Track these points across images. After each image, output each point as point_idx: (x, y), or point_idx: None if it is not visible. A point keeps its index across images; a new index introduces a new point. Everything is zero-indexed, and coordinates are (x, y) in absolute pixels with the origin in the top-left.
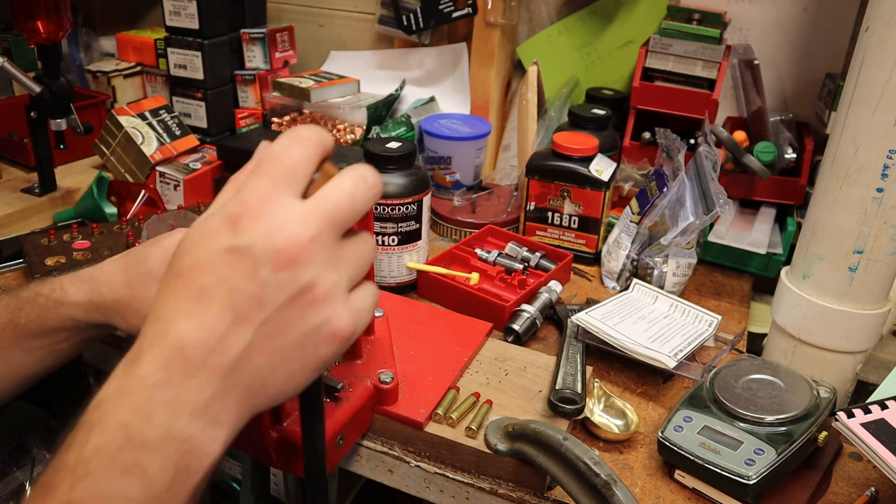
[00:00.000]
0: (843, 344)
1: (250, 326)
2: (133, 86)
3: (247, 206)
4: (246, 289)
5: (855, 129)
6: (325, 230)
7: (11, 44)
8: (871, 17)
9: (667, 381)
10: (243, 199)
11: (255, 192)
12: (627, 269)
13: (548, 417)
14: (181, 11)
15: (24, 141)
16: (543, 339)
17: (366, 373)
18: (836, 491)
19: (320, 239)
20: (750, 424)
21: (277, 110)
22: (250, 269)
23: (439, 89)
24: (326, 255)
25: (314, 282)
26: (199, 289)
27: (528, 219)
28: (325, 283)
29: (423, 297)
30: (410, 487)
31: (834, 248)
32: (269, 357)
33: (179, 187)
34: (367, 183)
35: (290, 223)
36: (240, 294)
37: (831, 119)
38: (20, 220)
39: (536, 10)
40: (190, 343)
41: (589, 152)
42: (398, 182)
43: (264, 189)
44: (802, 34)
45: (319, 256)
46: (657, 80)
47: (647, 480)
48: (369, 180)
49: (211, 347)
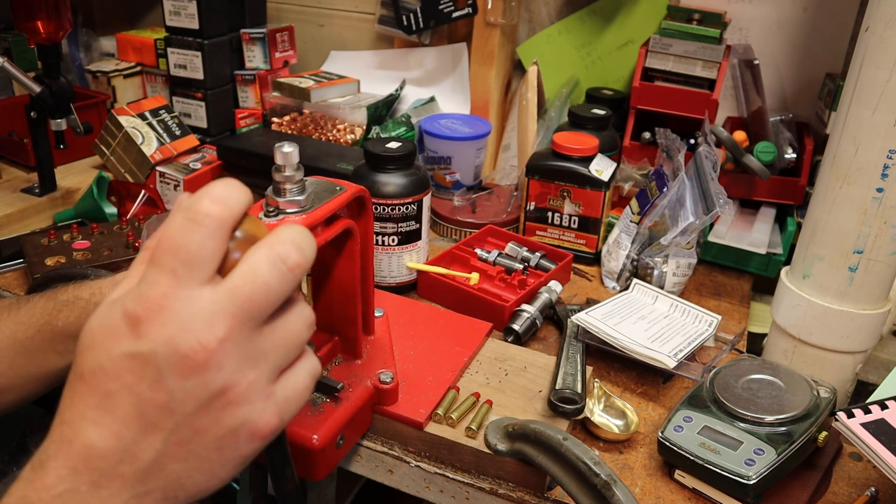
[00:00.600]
0: (843, 344)
1: (160, 434)
2: (133, 86)
3: (146, 304)
4: (152, 398)
5: (855, 129)
6: (236, 328)
7: (11, 44)
8: (871, 17)
9: (667, 381)
10: (143, 295)
11: (154, 288)
12: (627, 269)
13: (548, 417)
14: (181, 11)
15: (24, 141)
16: (543, 339)
17: (366, 373)
18: (836, 491)
19: (231, 339)
20: (750, 424)
21: (277, 110)
22: (155, 378)
23: (439, 89)
24: (241, 353)
25: (227, 385)
26: (102, 395)
27: (528, 219)
28: (240, 385)
29: (423, 297)
30: (410, 487)
31: (834, 248)
32: (185, 461)
33: (179, 187)
34: (287, 264)
35: (195, 324)
36: (146, 403)
37: (831, 119)
38: (20, 220)
39: (536, 10)
40: (97, 452)
41: (589, 152)
42: (398, 182)
43: (163, 284)
44: (802, 34)
45: (232, 357)
46: (657, 80)
47: (647, 480)
48: (290, 260)
49: (119, 456)
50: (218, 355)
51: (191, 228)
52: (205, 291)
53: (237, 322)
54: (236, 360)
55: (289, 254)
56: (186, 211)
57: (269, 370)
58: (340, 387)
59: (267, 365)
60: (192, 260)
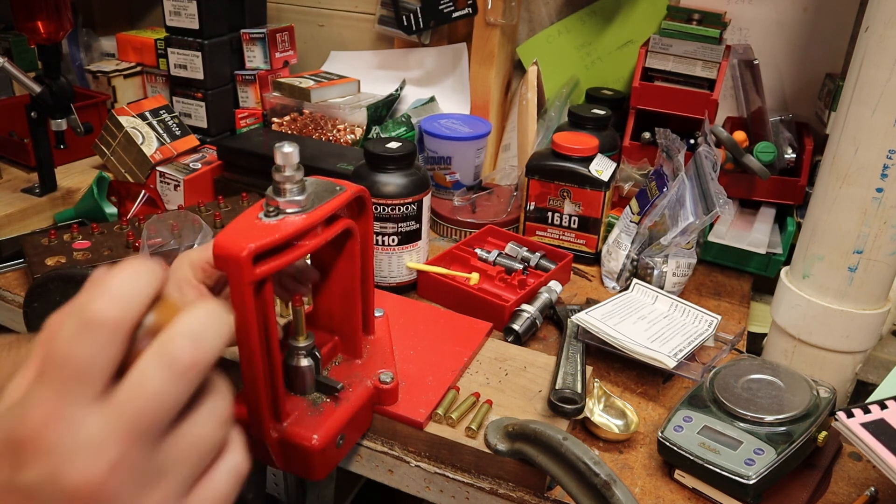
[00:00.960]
0: (842, 344)
1: None
2: (133, 86)
3: (29, 427)
4: None
5: (855, 129)
6: (129, 449)
7: (12, 44)
8: (871, 17)
9: (667, 381)
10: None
11: (37, 409)
12: (627, 269)
13: (548, 417)
14: (181, 11)
15: (25, 141)
16: (543, 339)
17: (366, 373)
18: (835, 491)
19: (125, 462)
20: (750, 424)
21: (277, 110)
22: None
23: (439, 89)
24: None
25: None
26: None
27: (528, 219)
28: None
29: (423, 297)
30: (410, 487)
31: (834, 248)
32: None
33: (179, 187)
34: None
35: (82, 452)
36: None
37: (831, 119)
38: (20, 220)
39: (536, 10)
40: None
41: (589, 152)
42: (398, 182)
43: (48, 403)
44: (802, 34)
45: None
46: (657, 80)
47: (647, 480)
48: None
49: None
50: (110, 485)
51: (82, 337)
52: (93, 410)
53: (130, 442)
54: (134, 485)
55: (181, 353)
56: (80, 313)
57: (178, 484)
58: (340, 387)
59: (173, 480)
60: (82, 374)
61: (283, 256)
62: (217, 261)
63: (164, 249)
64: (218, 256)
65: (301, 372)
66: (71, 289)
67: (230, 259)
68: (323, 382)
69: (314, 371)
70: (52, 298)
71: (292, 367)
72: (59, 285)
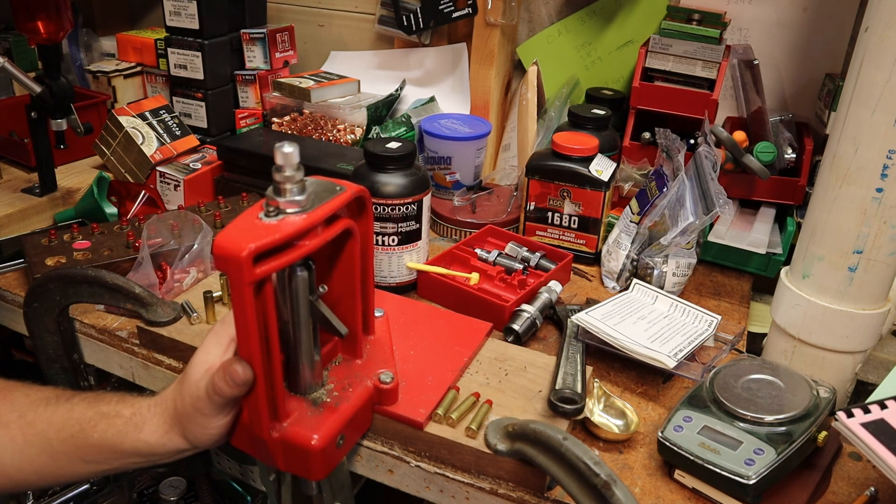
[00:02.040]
0: (842, 344)
1: None
2: (133, 86)
3: None
4: None
5: (855, 129)
6: None
7: (12, 44)
8: (871, 18)
9: (667, 381)
10: None
11: None
12: (627, 269)
13: (548, 417)
14: (181, 11)
15: (25, 141)
16: (543, 339)
17: (366, 373)
18: (835, 491)
19: None
20: (750, 424)
21: (277, 110)
22: None
23: (439, 89)
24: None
25: None
26: None
27: (528, 219)
28: None
29: (423, 297)
30: (410, 487)
31: (834, 248)
32: None
33: (180, 187)
34: None
35: None
36: None
37: (831, 119)
38: (20, 220)
39: (536, 10)
40: None
41: (589, 152)
42: (398, 182)
43: None
44: (802, 34)
45: None
46: (657, 80)
47: (647, 480)
48: None
49: None
50: None
51: None
52: None
53: None
54: None
55: None
56: None
57: None
58: (345, 332)
59: None
60: None
61: (284, 256)
62: (217, 261)
63: (164, 249)
64: (218, 256)
65: (294, 283)
66: (71, 289)
67: (230, 259)
68: (331, 323)
69: (308, 282)
70: (52, 298)
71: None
72: (59, 285)
